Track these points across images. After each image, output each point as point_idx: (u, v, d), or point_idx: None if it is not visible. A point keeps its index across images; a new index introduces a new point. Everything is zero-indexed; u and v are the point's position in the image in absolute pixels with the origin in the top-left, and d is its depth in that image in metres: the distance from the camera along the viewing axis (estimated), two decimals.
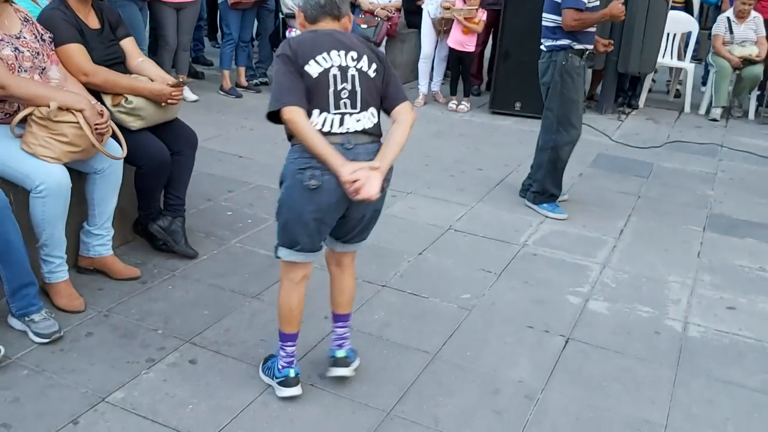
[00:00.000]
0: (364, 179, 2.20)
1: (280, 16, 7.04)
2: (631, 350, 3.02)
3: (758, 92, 7.41)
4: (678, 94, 8.11)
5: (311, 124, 2.25)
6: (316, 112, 2.27)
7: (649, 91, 7.81)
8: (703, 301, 3.49)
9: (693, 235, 4.31)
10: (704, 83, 8.09)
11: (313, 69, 2.27)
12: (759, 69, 7.14)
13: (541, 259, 3.84)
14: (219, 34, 9.15)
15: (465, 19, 6.63)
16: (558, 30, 4.20)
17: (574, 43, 4.22)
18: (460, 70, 7.03)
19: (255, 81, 7.37)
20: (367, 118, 2.34)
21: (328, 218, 2.36)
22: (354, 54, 2.33)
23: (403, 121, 2.39)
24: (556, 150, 4.39)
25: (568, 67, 4.24)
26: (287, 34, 7.05)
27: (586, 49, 4.28)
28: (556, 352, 2.96)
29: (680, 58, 7.76)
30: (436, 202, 4.59)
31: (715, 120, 7.20)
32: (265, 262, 3.55)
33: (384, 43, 7.59)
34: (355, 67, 2.32)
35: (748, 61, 7.12)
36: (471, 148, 5.84)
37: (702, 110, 7.49)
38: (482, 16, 6.72)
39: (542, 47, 4.35)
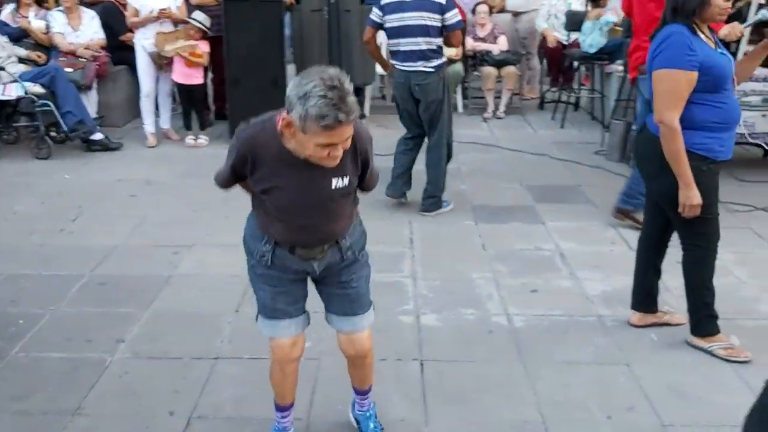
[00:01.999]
0: None
1: None
2: (478, 356, 3.14)
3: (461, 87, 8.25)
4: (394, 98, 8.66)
5: None
6: None
7: None
8: (510, 290, 3.76)
9: (470, 230, 4.64)
10: None
11: None
12: (459, 66, 7.93)
13: None
14: None
15: (190, 54, 6.31)
16: (440, 49, 4.68)
17: (444, 58, 4.78)
18: (192, 104, 6.68)
19: None
20: None
21: None
22: None
23: None
24: (449, 152, 4.94)
25: (448, 79, 4.85)
26: None
27: None
28: (417, 378, 2.97)
29: None
30: (225, 249, 4.29)
31: None
32: (66, 367, 3.01)
33: (95, 85, 6.92)
34: None
35: (449, 61, 7.85)
36: None
37: None
38: (205, 48, 6.46)
39: (424, 69, 4.62)
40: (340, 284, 2.35)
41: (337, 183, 2.14)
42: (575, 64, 7.53)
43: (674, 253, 3.29)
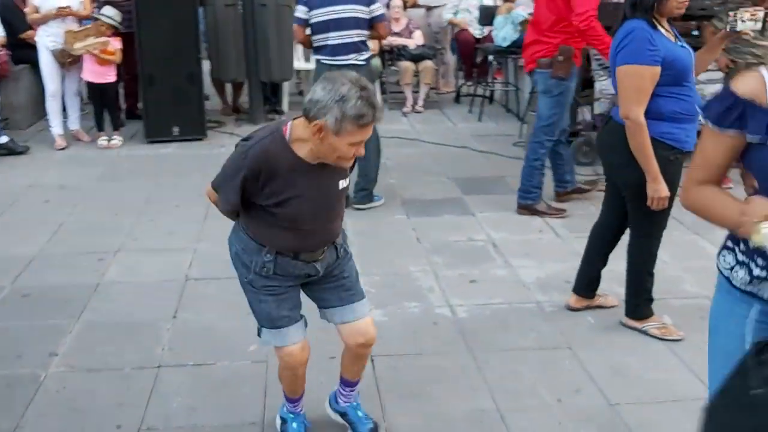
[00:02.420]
0: None
1: None
2: (427, 348, 3.16)
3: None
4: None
5: None
6: None
7: None
8: (450, 282, 3.81)
9: (403, 224, 4.66)
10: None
11: None
12: (377, 61, 7.91)
13: None
14: None
15: (101, 51, 6.03)
16: (367, 41, 4.76)
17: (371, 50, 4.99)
18: (104, 103, 6.39)
19: None
20: None
21: None
22: None
23: None
24: (377, 145, 5.06)
25: (374, 72, 4.98)
26: None
27: None
28: (369, 374, 2.93)
29: (307, 60, 8.20)
30: (153, 253, 4.15)
31: None
32: None
33: None
34: None
35: None
36: (151, 184, 5.38)
37: None
38: (117, 45, 6.19)
39: (356, 62, 4.63)
40: (333, 277, 2.36)
41: (342, 183, 2.20)
42: (490, 57, 7.68)
43: None
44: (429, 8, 8.80)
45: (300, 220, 2.17)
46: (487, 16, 7.85)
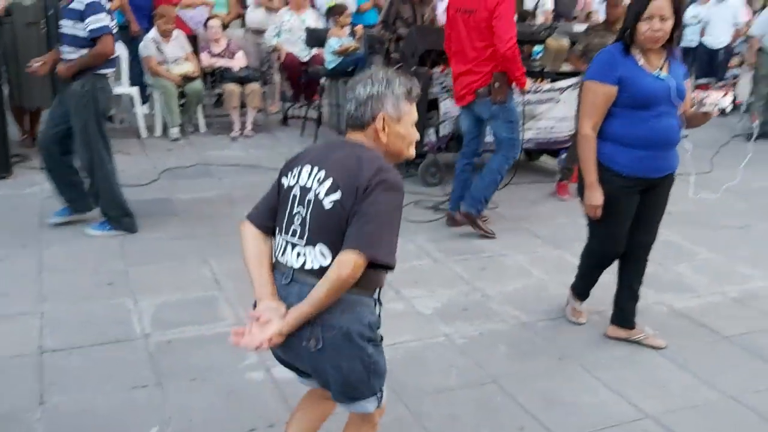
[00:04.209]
0: (263, 321, 1.87)
1: None
2: None
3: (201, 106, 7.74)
4: (122, 120, 7.82)
5: (258, 243, 2.02)
6: (277, 229, 2.01)
7: None
8: None
9: None
10: (144, 103, 7.95)
11: (285, 182, 2.02)
12: (199, 84, 7.42)
13: (181, 344, 3.28)
14: None
15: None
16: None
17: None
18: None
19: None
20: (313, 257, 1.90)
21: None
22: (321, 175, 1.93)
23: (328, 276, 1.83)
24: None
25: None
26: None
27: None
28: None
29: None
30: None
31: (177, 140, 7.22)
32: None
33: None
34: (315, 190, 1.92)
35: (187, 78, 7.32)
36: None
37: (158, 132, 7.40)
38: None
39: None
40: None
41: None
42: (322, 80, 7.52)
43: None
44: (258, 31, 8.44)
45: None
46: (314, 38, 7.68)
